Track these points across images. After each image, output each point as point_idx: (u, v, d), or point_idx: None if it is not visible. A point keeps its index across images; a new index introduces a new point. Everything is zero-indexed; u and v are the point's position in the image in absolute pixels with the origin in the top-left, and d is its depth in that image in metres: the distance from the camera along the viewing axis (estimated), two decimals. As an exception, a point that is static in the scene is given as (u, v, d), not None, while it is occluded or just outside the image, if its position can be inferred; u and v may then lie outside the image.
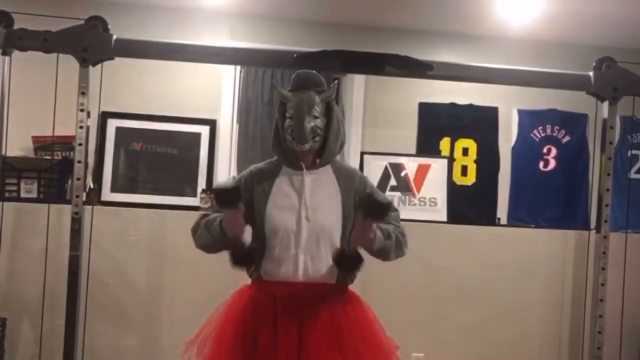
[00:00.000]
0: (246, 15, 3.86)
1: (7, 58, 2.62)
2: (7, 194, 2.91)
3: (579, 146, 4.05)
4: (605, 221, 2.85)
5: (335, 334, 1.88)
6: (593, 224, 3.02)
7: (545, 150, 4.05)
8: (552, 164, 4.04)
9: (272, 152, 2.04)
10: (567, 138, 4.05)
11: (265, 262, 1.93)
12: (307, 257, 1.90)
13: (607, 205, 2.85)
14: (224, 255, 2.18)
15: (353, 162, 3.86)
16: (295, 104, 1.90)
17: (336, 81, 2.04)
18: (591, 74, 2.82)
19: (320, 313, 1.88)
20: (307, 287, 1.89)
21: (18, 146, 3.27)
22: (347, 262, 1.89)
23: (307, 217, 1.91)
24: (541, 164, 4.04)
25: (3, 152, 2.72)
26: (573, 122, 4.05)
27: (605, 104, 2.85)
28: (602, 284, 2.85)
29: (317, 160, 1.97)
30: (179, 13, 3.79)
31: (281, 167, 1.99)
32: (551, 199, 3.99)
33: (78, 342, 2.63)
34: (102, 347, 2.86)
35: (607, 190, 2.85)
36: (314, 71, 2.01)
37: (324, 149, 1.96)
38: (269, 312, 1.88)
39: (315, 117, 1.91)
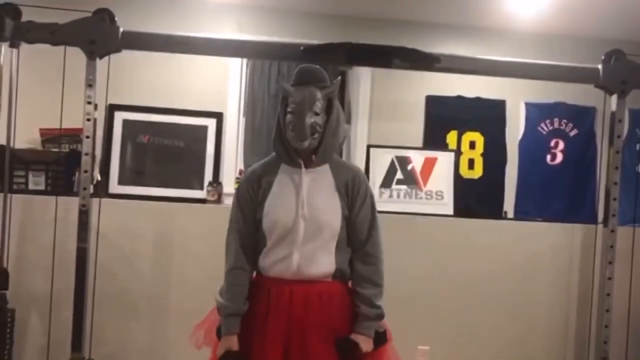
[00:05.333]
0: (253, 7, 3.85)
1: (15, 50, 2.63)
2: (15, 186, 2.93)
3: (586, 139, 4.03)
4: (613, 215, 2.84)
5: (329, 330, 1.90)
6: (600, 218, 3.01)
7: (552, 143, 4.03)
8: (560, 157, 4.03)
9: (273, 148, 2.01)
10: (574, 131, 4.03)
11: (262, 259, 1.95)
12: (303, 256, 1.90)
13: (614, 199, 2.84)
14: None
15: (359, 155, 3.86)
16: (296, 100, 1.88)
17: (339, 77, 2.00)
18: (600, 66, 2.80)
19: (313, 311, 1.89)
20: (300, 285, 1.90)
21: (26, 139, 3.28)
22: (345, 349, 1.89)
23: (304, 214, 1.89)
24: (548, 158, 4.03)
25: (11, 145, 2.73)
26: (581, 116, 4.03)
27: (614, 97, 2.83)
28: (609, 278, 2.84)
29: (314, 157, 1.94)
30: (186, 6, 3.79)
31: (279, 164, 1.98)
32: (558, 192, 3.98)
33: (86, 333, 2.65)
34: (109, 337, 2.88)
35: (615, 184, 2.84)
36: (317, 66, 1.98)
37: (321, 146, 1.94)
38: (262, 307, 1.92)
39: (316, 114, 1.88)
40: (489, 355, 3.15)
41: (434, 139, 3.88)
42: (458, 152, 3.79)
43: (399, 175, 3.31)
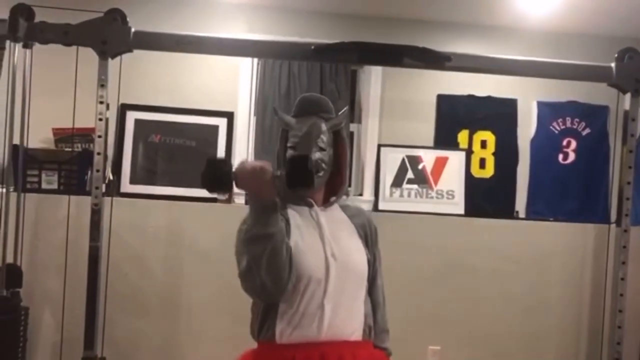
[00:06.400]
0: (263, 7, 3.86)
1: (28, 51, 2.65)
2: (28, 185, 2.95)
3: (599, 138, 4.00)
4: (626, 215, 2.82)
5: None
6: (613, 218, 2.98)
7: (564, 142, 4.01)
8: (572, 156, 4.00)
9: None
10: (587, 130, 4.01)
11: (280, 320, 1.57)
12: (334, 308, 1.57)
13: (627, 199, 2.82)
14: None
15: (370, 155, 3.85)
16: (298, 134, 1.66)
17: (346, 107, 1.80)
18: (613, 65, 2.78)
19: None
20: (332, 347, 1.56)
21: (39, 138, 3.30)
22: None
23: (334, 255, 1.60)
24: (560, 157, 4.00)
25: (25, 144, 2.76)
26: (593, 114, 4.00)
27: (627, 96, 2.81)
28: (622, 279, 2.82)
29: (332, 198, 1.71)
30: (196, 6, 3.80)
31: (285, 205, 1.68)
32: (570, 192, 3.96)
33: (98, 331, 2.67)
34: (121, 335, 2.90)
35: (628, 183, 2.82)
36: (321, 95, 1.81)
37: (337, 183, 1.71)
38: None
39: (321, 149, 1.65)
40: (500, 355, 3.14)
41: (445, 138, 3.87)
42: (469, 152, 3.78)
43: (409, 174, 3.30)
